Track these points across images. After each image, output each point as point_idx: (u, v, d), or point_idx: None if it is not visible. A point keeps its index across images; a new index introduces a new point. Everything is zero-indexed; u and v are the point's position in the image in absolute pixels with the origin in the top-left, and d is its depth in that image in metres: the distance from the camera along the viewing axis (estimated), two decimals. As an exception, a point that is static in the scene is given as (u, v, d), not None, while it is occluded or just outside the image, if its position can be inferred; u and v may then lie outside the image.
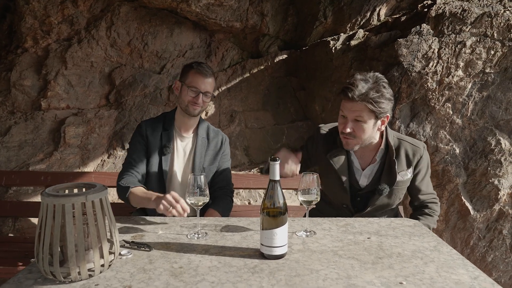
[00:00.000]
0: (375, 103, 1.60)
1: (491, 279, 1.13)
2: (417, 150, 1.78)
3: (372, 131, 1.70)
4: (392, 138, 1.79)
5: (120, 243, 1.39)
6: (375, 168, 1.80)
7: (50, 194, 1.10)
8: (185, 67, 1.99)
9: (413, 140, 1.82)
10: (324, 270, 1.19)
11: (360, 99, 1.60)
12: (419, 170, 1.80)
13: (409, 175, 1.78)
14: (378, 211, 1.84)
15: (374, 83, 1.63)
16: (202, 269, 1.20)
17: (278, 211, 1.26)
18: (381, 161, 1.78)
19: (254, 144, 3.55)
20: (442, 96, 2.81)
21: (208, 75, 1.94)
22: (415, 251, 1.34)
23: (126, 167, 1.91)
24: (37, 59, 3.18)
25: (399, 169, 1.75)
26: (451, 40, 2.78)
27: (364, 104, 1.61)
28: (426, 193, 1.86)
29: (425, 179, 1.84)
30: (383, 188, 1.73)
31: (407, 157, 1.77)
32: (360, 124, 1.65)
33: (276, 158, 1.27)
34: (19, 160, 3.07)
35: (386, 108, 1.64)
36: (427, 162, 1.83)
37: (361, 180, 1.81)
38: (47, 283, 1.12)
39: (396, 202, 1.83)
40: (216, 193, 2.02)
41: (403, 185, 1.79)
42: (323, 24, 3.42)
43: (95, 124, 3.25)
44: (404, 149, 1.78)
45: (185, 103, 1.92)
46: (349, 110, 1.65)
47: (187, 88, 1.90)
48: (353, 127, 1.66)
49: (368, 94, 1.60)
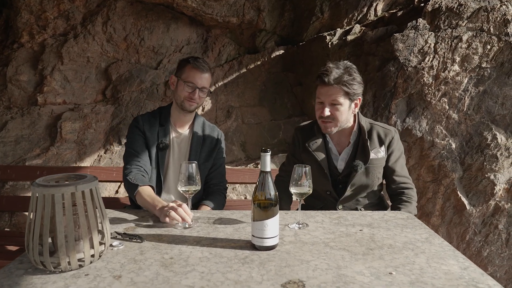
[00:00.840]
0: (349, 85, 1.74)
1: (481, 270, 1.14)
2: (388, 132, 1.90)
3: (347, 114, 1.83)
4: (365, 122, 1.92)
5: (112, 235, 1.39)
6: (350, 151, 1.92)
7: (40, 184, 1.10)
8: (181, 61, 1.97)
9: (384, 125, 1.95)
10: (314, 261, 1.19)
11: (335, 83, 1.74)
12: (391, 151, 1.89)
13: (382, 153, 1.88)
14: (359, 194, 1.91)
15: (345, 69, 1.77)
16: (193, 260, 1.20)
17: (269, 202, 1.26)
18: (355, 143, 1.91)
19: (251, 140, 3.55)
20: (438, 91, 2.81)
21: (204, 70, 1.92)
22: (407, 242, 1.35)
23: (130, 159, 1.88)
24: (33, 54, 3.17)
25: (372, 147, 1.86)
26: (447, 34, 2.78)
27: (339, 86, 1.75)
28: (401, 175, 1.92)
29: (398, 161, 1.92)
30: (358, 164, 1.84)
31: (379, 137, 1.89)
32: (336, 107, 1.78)
33: (267, 149, 1.27)
34: (16, 155, 3.07)
35: (358, 90, 1.79)
36: (399, 145, 1.92)
37: (339, 165, 1.92)
38: (38, 273, 1.12)
39: (375, 182, 1.90)
40: (210, 189, 2.02)
41: (378, 163, 1.88)
42: (319, 19, 3.41)
43: (92, 120, 3.25)
44: (376, 131, 1.90)
45: (181, 99, 1.91)
46: (326, 95, 1.78)
47: (184, 83, 1.89)
48: (330, 111, 1.79)
49: (342, 77, 1.74)
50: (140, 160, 1.86)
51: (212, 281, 1.06)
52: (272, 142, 3.54)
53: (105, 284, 1.05)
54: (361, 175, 1.86)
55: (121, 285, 1.04)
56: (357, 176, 1.86)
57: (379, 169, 1.89)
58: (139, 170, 1.83)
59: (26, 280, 1.08)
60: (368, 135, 1.88)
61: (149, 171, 1.89)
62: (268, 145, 3.53)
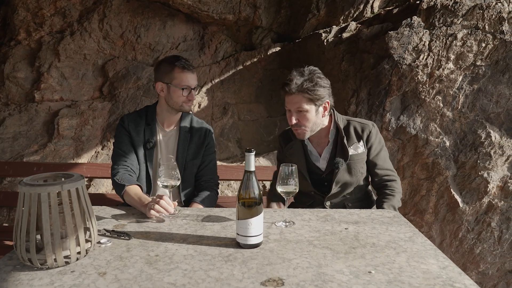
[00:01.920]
0: (310, 91, 1.76)
1: (459, 269, 1.15)
2: (365, 127, 1.92)
3: (316, 118, 1.85)
4: (342, 120, 1.95)
5: (101, 232, 1.42)
6: (330, 149, 1.95)
7: (26, 184, 1.13)
8: (164, 65, 1.90)
9: (362, 120, 1.98)
10: (296, 259, 1.22)
11: (296, 91, 1.76)
12: (371, 144, 1.92)
13: (361, 148, 1.91)
14: (346, 191, 1.94)
15: (309, 75, 1.78)
16: (177, 257, 1.22)
17: (253, 201, 1.29)
18: (334, 141, 1.95)
19: (247, 136, 3.56)
20: (433, 89, 2.81)
21: (193, 69, 1.92)
22: (390, 241, 1.37)
23: (117, 159, 1.91)
24: (30, 51, 3.19)
25: (350, 143, 1.90)
26: (442, 32, 2.78)
27: (301, 95, 1.77)
28: (383, 168, 1.95)
29: (380, 154, 1.94)
30: (338, 162, 1.88)
31: (356, 132, 1.92)
32: (302, 113, 1.81)
33: (251, 150, 1.29)
34: (14, 151, 3.10)
35: (322, 94, 1.79)
36: (378, 138, 1.95)
37: (321, 164, 1.96)
38: (25, 269, 1.15)
39: (360, 177, 1.93)
40: (201, 186, 2.03)
41: (359, 158, 1.91)
42: (316, 16, 3.42)
43: (89, 116, 3.27)
44: (353, 127, 1.93)
45: (179, 104, 1.90)
46: (290, 103, 1.82)
47: (179, 89, 1.86)
48: (297, 118, 1.82)
49: (303, 85, 1.76)
50: (127, 159, 1.89)
51: (194, 278, 1.09)
52: (268, 139, 3.56)
53: (90, 281, 1.07)
54: (343, 172, 1.90)
55: (105, 282, 1.07)
56: (340, 173, 1.89)
57: (361, 164, 1.92)
58: (126, 170, 1.85)
59: (13, 276, 1.11)
60: (345, 131, 1.92)
61: (136, 170, 1.91)
62: (264, 141, 3.55)
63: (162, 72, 1.91)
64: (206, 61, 3.58)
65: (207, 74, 3.56)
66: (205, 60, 3.58)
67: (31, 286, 1.05)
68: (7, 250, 2.24)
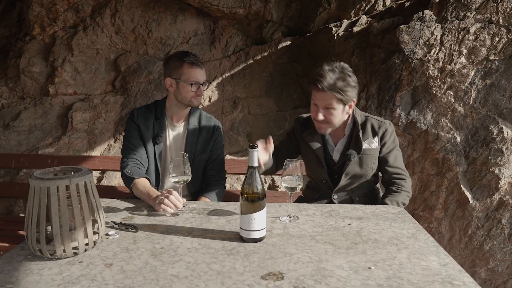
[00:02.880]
0: (343, 92, 1.76)
1: (460, 267, 1.16)
2: (382, 124, 1.93)
3: (341, 116, 1.87)
4: (360, 116, 1.96)
5: (109, 224, 1.47)
6: (344, 142, 1.96)
7: (37, 177, 1.17)
8: (172, 61, 1.93)
9: (379, 118, 1.99)
10: (297, 254, 1.24)
11: (329, 89, 1.75)
12: (385, 141, 1.92)
13: (375, 144, 1.92)
14: (354, 184, 1.95)
15: (341, 73, 1.78)
16: (182, 250, 1.26)
17: (256, 196, 1.31)
18: (349, 134, 1.96)
19: (257, 131, 3.58)
20: (444, 84, 2.78)
21: (202, 65, 1.94)
22: (392, 237, 1.37)
23: (127, 152, 1.95)
24: (44, 46, 3.26)
25: (365, 137, 1.91)
26: (455, 26, 2.73)
27: (332, 93, 1.76)
28: (394, 166, 1.95)
29: (392, 153, 1.95)
30: (351, 153, 1.89)
31: (372, 129, 1.93)
32: (330, 111, 1.82)
33: (254, 146, 1.31)
34: (29, 144, 3.19)
35: (352, 95, 1.81)
36: (393, 137, 1.95)
37: (334, 155, 1.98)
38: (36, 259, 1.20)
39: (369, 172, 1.94)
40: (209, 180, 2.06)
41: (371, 153, 1.92)
42: (326, 10, 3.39)
43: (102, 110, 3.34)
44: (370, 123, 1.95)
45: (188, 99, 1.93)
46: (320, 100, 1.81)
47: (188, 84, 1.89)
48: (324, 114, 1.83)
49: (336, 84, 1.75)
50: (136, 153, 1.93)
51: (196, 271, 1.12)
52: (278, 133, 3.57)
53: (96, 272, 1.12)
54: (354, 164, 1.90)
55: (111, 273, 1.11)
56: (350, 165, 1.90)
57: (373, 159, 1.93)
58: (135, 163, 1.89)
59: (24, 265, 1.16)
60: (363, 126, 1.93)
61: (145, 163, 1.95)
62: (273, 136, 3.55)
63: (171, 68, 1.93)
64: (216, 55, 3.60)
65: (218, 68, 3.58)
66: (215, 54, 3.60)
67: (41, 276, 1.10)
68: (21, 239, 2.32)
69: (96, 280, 1.07)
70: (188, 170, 1.63)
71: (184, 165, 1.62)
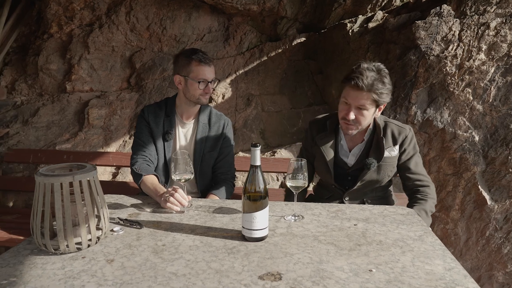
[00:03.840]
0: (380, 94, 1.71)
1: (465, 272, 1.12)
2: (402, 130, 1.87)
3: (370, 118, 1.83)
4: (380, 120, 1.90)
5: (115, 220, 1.49)
6: (362, 147, 1.90)
7: (42, 174, 1.20)
8: (181, 58, 1.93)
9: (399, 123, 1.92)
10: (298, 254, 1.22)
11: (367, 89, 1.69)
12: (404, 149, 1.87)
13: (395, 152, 1.86)
14: (367, 188, 1.91)
15: (378, 74, 1.72)
16: (183, 248, 1.26)
17: (258, 195, 1.30)
18: (368, 140, 1.89)
19: (270, 128, 3.57)
20: (462, 81, 2.69)
21: (210, 63, 1.93)
22: (398, 239, 1.34)
23: (137, 149, 1.98)
24: (61, 44, 3.33)
25: (386, 145, 1.85)
26: (474, 21, 2.64)
27: (370, 94, 1.71)
28: (415, 172, 1.90)
29: (413, 159, 1.89)
30: (371, 162, 1.83)
31: (392, 136, 1.87)
32: (362, 111, 1.76)
33: (257, 144, 1.30)
34: (47, 139, 3.27)
35: (386, 98, 1.76)
36: (413, 143, 1.90)
37: (349, 160, 1.92)
38: (41, 254, 1.22)
39: (385, 179, 1.89)
40: (218, 178, 2.06)
41: (390, 161, 1.87)
42: (342, 5, 3.33)
43: (117, 106, 3.39)
44: (390, 129, 1.88)
45: (196, 97, 1.93)
46: (354, 98, 1.74)
47: (196, 82, 1.90)
48: (355, 114, 1.76)
49: (374, 85, 1.69)
50: (146, 150, 1.94)
51: (195, 269, 1.12)
52: (292, 131, 3.54)
53: (97, 267, 1.13)
54: (372, 171, 1.85)
55: (111, 269, 1.12)
56: (368, 173, 1.85)
57: (391, 167, 1.87)
58: (144, 159, 1.91)
59: (29, 259, 1.19)
60: (383, 133, 1.87)
61: (154, 160, 1.97)
62: (287, 133, 3.54)
63: (180, 65, 1.94)
64: (230, 52, 3.60)
65: (232, 65, 3.57)
66: (229, 51, 3.59)
67: (44, 270, 1.12)
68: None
69: (96, 275, 1.08)
70: (190, 168, 1.64)
71: (186, 164, 1.63)
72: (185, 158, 1.63)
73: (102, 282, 1.05)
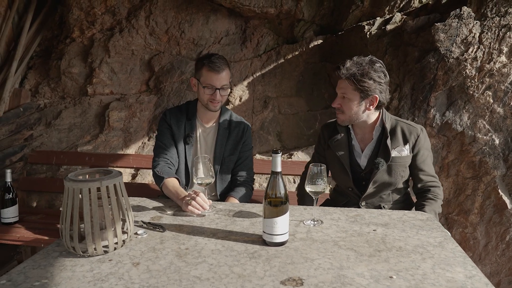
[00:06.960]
0: (357, 81, 1.73)
1: (486, 280, 1.12)
2: (413, 130, 1.86)
3: (357, 109, 1.82)
4: (389, 120, 1.91)
5: (138, 223, 1.53)
6: (373, 147, 1.91)
7: (70, 179, 1.24)
8: (197, 62, 1.98)
9: (410, 122, 1.91)
10: (319, 259, 1.24)
11: (345, 77, 1.76)
12: (418, 149, 1.86)
13: (406, 151, 1.85)
14: (382, 191, 1.90)
15: (365, 65, 1.75)
16: (205, 252, 1.29)
17: (279, 201, 1.32)
18: (378, 140, 1.89)
19: (287, 130, 3.58)
20: (482, 84, 2.66)
21: (220, 70, 1.90)
22: (418, 246, 1.35)
23: (159, 152, 2.02)
24: (83, 48, 3.41)
25: (395, 145, 1.85)
26: (495, 23, 2.61)
27: (347, 81, 1.76)
28: (429, 174, 1.89)
29: (426, 161, 1.89)
30: (379, 162, 1.84)
31: (403, 135, 1.86)
32: (345, 100, 1.81)
33: (277, 151, 1.32)
34: (69, 141, 3.35)
35: (370, 87, 1.75)
36: (426, 143, 1.88)
37: (362, 161, 1.93)
38: (70, 256, 1.27)
39: (399, 180, 1.88)
40: (237, 181, 2.10)
41: (402, 161, 1.86)
42: (360, 7, 3.32)
43: (136, 109, 3.45)
44: (400, 128, 1.88)
45: (204, 101, 1.97)
46: (338, 87, 1.83)
47: (203, 87, 1.94)
48: (340, 103, 1.83)
49: (352, 72, 1.74)
50: (167, 153, 1.98)
51: (218, 273, 1.15)
52: (308, 133, 3.55)
53: (124, 270, 1.17)
54: (383, 172, 1.85)
55: (137, 272, 1.16)
56: (378, 174, 1.85)
57: (403, 167, 1.86)
58: (166, 162, 1.95)
59: (59, 261, 1.24)
60: (392, 132, 1.87)
61: (176, 163, 2.01)
62: (303, 135, 3.55)
63: (195, 69, 2.02)
64: (247, 54, 3.62)
65: (249, 67, 3.60)
66: (246, 54, 3.62)
67: (73, 272, 1.16)
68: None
69: (123, 278, 1.12)
70: (211, 172, 1.67)
71: (207, 168, 1.66)
72: (206, 163, 1.66)
73: (129, 285, 1.09)
